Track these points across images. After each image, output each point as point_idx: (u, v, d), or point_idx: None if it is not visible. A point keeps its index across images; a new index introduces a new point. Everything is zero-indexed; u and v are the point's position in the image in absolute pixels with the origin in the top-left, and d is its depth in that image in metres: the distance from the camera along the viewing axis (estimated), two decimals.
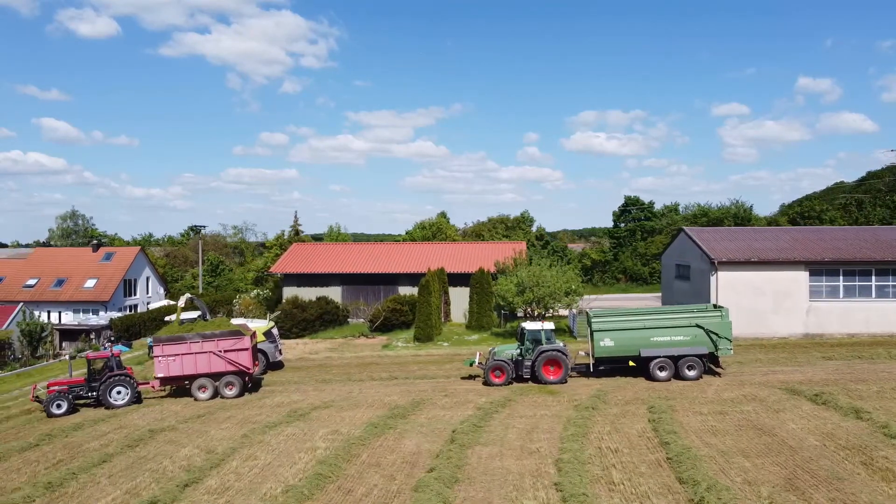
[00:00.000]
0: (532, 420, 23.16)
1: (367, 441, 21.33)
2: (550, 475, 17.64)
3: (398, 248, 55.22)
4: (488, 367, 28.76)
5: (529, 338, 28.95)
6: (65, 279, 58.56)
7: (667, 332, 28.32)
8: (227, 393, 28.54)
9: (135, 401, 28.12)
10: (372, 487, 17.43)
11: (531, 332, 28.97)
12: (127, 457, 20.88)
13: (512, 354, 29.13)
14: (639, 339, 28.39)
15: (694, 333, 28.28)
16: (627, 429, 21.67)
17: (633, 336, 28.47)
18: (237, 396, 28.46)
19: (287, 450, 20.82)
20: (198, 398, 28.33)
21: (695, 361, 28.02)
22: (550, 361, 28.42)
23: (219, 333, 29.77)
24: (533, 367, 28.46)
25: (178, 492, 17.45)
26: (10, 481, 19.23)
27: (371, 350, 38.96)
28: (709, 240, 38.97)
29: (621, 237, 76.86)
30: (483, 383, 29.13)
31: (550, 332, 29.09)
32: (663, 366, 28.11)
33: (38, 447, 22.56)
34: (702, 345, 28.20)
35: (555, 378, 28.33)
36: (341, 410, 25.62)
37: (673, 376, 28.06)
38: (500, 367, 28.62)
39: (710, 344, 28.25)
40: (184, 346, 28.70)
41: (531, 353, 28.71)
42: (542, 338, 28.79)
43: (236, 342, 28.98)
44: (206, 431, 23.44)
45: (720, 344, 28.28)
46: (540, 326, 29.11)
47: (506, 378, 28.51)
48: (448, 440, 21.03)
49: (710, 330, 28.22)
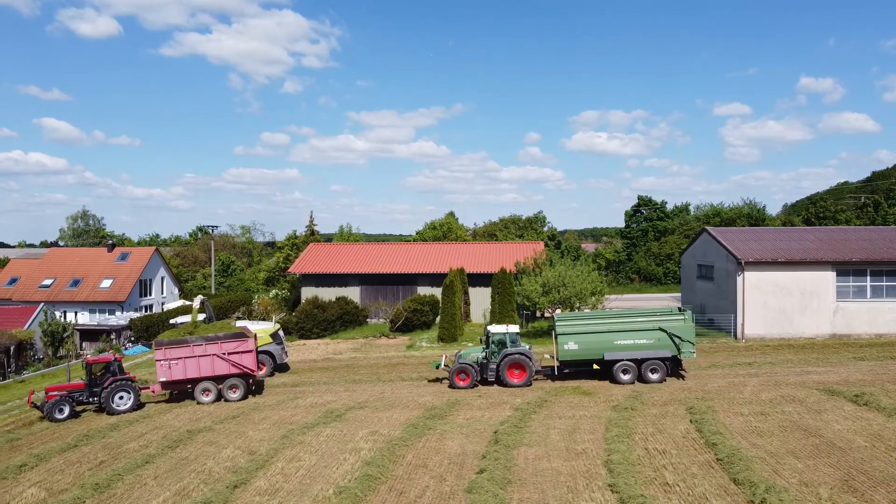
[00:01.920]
0: (572, 421, 23.06)
1: (409, 442, 21.24)
2: (602, 476, 17.55)
3: (416, 248, 55.12)
4: (454, 370, 28.75)
5: (494, 341, 28.95)
6: (80, 279, 58.47)
7: (630, 336, 28.31)
8: (230, 396, 28.30)
9: (137, 407, 27.67)
10: (424, 489, 17.33)
11: (496, 336, 28.99)
12: (169, 458, 20.80)
13: (477, 357, 29.14)
14: (602, 343, 28.34)
15: (657, 337, 28.24)
16: (670, 429, 21.57)
17: (596, 339, 28.41)
18: (241, 399, 28.21)
19: (330, 451, 20.73)
20: (201, 402, 28.03)
21: (658, 365, 28.01)
22: (515, 364, 28.44)
23: (222, 336, 29.53)
24: (498, 370, 28.50)
25: (228, 493, 17.37)
26: (55, 482, 19.14)
27: (396, 350, 38.85)
28: (733, 240, 38.84)
29: (634, 237, 76.72)
30: (448, 386, 29.07)
31: (515, 335, 29.13)
32: (626, 369, 28.09)
33: (77, 448, 22.46)
34: (665, 348, 28.17)
35: (518, 381, 28.32)
36: (377, 411, 25.53)
37: (636, 379, 28.07)
38: (465, 369, 28.64)
39: (673, 347, 28.22)
40: (186, 349, 28.41)
41: (496, 356, 28.72)
42: (506, 341, 28.83)
43: (240, 345, 28.77)
44: (243, 432, 23.34)
45: (683, 347, 28.24)
46: (504, 330, 29.16)
47: (470, 381, 28.53)
48: (491, 441, 20.95)
49: (672, 333, 28.17)
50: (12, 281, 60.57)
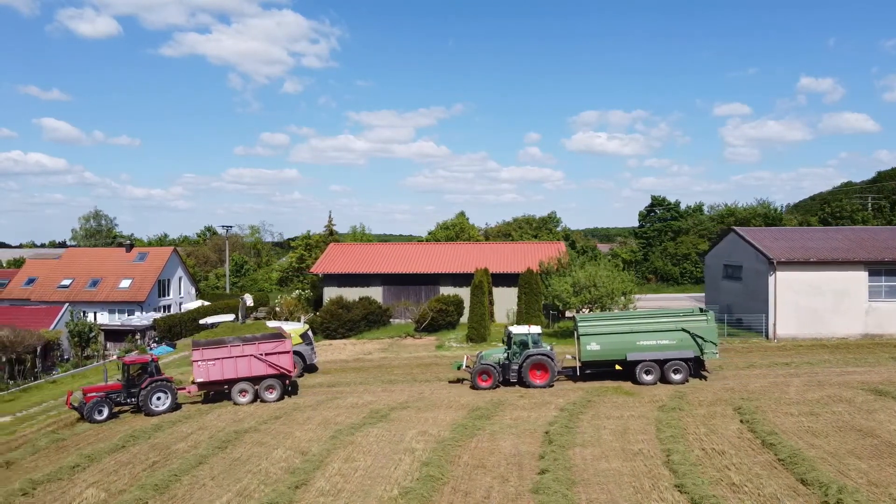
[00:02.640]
0: (620, 421, 22.98)
1: (461, 442, 21.17)
2: (666, 477, 17.48)
3: (438, 249, 55.01)
4: (475, 371, 28.65)
5: (516, 342, 28.86)
6: (99, 279, 58.33)
7: (653, 336, 28.27)
8: (267, 397, 28.19)
9: (174, 408, 27.56)
10: (488, 489, 17.27)
11: (518, 336, 28.87)
12: (221, 458, 20.72)
13: (499, 358, 29.05)
14: (625, 343, 28.28)
15: (680, 337, 28.19)
16: (722, 430, 21.50)
17: (619, 340, 28.36)
18: (277, 400, 28.09)
19: (383, 451, 20.66)
20: (237, 402, 27.91)
21: (680, 365, 27.95)
22: (537, 365, 28.36)
23: (259, 336, 29.53)
24: (520, 371, 28.41)
25: (290, 493, 17.30)
26: (112, 483, 19.07)
27: (425, 350, 38.77)
28: (763, 240, 38.75)
29: (650, 237, 76.62)
30: (470, 387, 28.98)
31: (537, 335, 29.06)
32: (649, 369, 28.02)
33: (125, 448, 22.38)
34: (688, 349, 28.10)
35: (541, 382, 28.24)
36: (420, 411, 25.45)
37: (659, 380, 27.98)
38: (487, 370, 28.54)
39: (696, 348, 28.15)
40: (224, 349, 28.35)
41: (518, 356, 28.64)
42: (528, 341, 28.74)
43: (277, 345, 28.70)
44: (290, 433, 23.26)
45: (706, 348, 28.18)
46: (526, 330, 29.08)
47: (492, 382, 28.43)
48: (544, 441, 20.89)
49: (695, 334, 28.12)
50: (30, 281, 60.46)
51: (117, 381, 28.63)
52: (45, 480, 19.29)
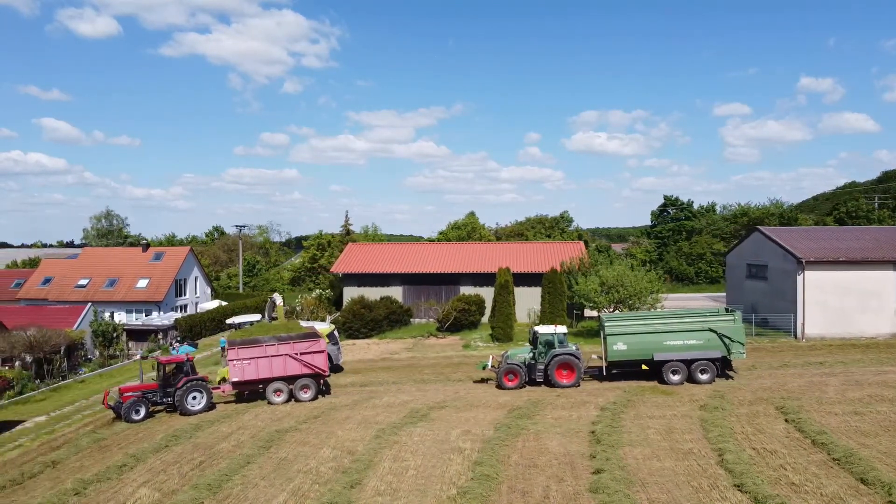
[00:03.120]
0: (664, 421, 22.92)
1: (507, 442, 21.11)
2: (723, 476, 17.41)
3: (457, 248, 54.88)
4: (502, 371, 28.61)
5: (542, 341, 28.80)
6: (116, 279, 58.26)
7: (680, 336, 28.20)
8: (302, 396, 28.13)
9: (209, 407, 27.49)
10: (545, 489, 17.20)
11: (544, 336, 28.82)
12: (268, 458, 20.65)
13: (525, 358, 28.99)
14: (652, 343, 28.24)
15: (707, 337, 28.13)
16: (769, 429, 21.43)
17: (646, 340, 28.32)
18: (311, 400, 28.04)
19: (430, 451, 20.60)
20: (272, 402, 27.82)
21: (708, 365, 27.89)
22: (564, 365, 28.31)
23: (294, 336, 29.52)
24: (546, 371, 28.36)
25: (347, 493, 17.25)
26: (163, 483, 19.01)
27: (452, 350, 38.70)
28: (789, 239, 38.69)
29: (665, 237, 76.55)
30: (496, 386, 28.95)
31: (563, 335, 29.01)
32: (676, 370, 27.95)
33: (168, 448, 22.33)
34: (715, 349, 28.03)
35: (568, 381, 28.20)
36: (459, 411, 25.39)
37: (686, 380, 27.90)
38: (513, 370, 28.49)
39: (723, 348, 28.08)
40: (259, 349, 28.30)
41: (544, 356, 28.59)
42: (554, 341, 28.69)
43: (312, 345, 28.65)
44: (332, 432, 23.19)
45: (733, 348, 28.12)
46: (553, 330, 29.04)
47: (519, 381, 28.38)
48: (592, 441, 20.83)
49: (722, 334, 28.05)
50: (46, 281, 60.46)
51: (151, 380, 28.62)
52: (94, 480, 19.26)
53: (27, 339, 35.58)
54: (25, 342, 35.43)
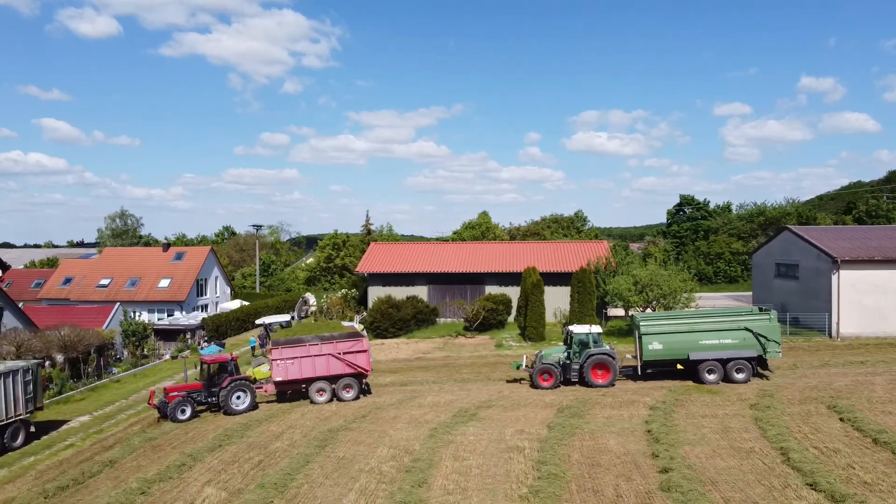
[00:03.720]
0: (717, 420, 22.89)
1: (564, 441, 21.08)
2: (793, 475, 17.38)
3: (481, 248, 54.81)
4: (536, 371, 28.61)
5: (577, 341, 28.80)
6: (138, 279, 58.31)
7: (716, 336, 28.18)
8: (345, 396, 28.09)
9: (253, 407, 27.44)
10: (615, 488, 17.19)
11: (579, 336, 28.82)
12: (326, 457, 20.63)
13: (559, 358, 28.96)
14: (687, 343, 28.21)
15: (743, 336, 28.09)
16: (826, 428, 21.40)
17: (681, 339, 28.28)
18: (354, 399, 28.01)
19: (488, 450, 20.58)
20: (315, 401, 27.79)
21: (743, 364, 27.87)
22: (599, 365, 28.32)
23: (337, 336, 29.53)
24: (581, 371, 28.38)
25: (415, 491, 17.24)
26: (226, 482, 19.01)
27: (485, 349, 38.67)
28: (822, 238, 38.64)
29: (683, 236, 76.48)
30: (531, 386, 28.96)
31: (598, 335, 29.01)
32: (712, 369, 27.92)
33: (222, 447, 22.31)
34: (750, 348, 27.99)
35: (603, 381, 28.20)
36: (506, 410, 25.37)
37: (721, 379, 27.86)
38: (549, 370, 28.49)
39: (758, 347, 28.05)
40: (302, 348, 28.28)
41: (578, 356, 28.60)
42: (589, 341, 28.70)
43: (354, 344, 28.63)
44: (384, 432, 23.18)
45: (769, 347, 28.07)
46: (587, 330, 29.02)
47: (553, 381, 28.38)
48: (650, 440, 20.81)
49: (758, 333, 28.01)
50: (67, 280, 60.55)
51: (195, 380, 28.62)
52: (157, 479, 19.26)
53: (61, 338, 35.59)
54: (60, 342, 35.43)
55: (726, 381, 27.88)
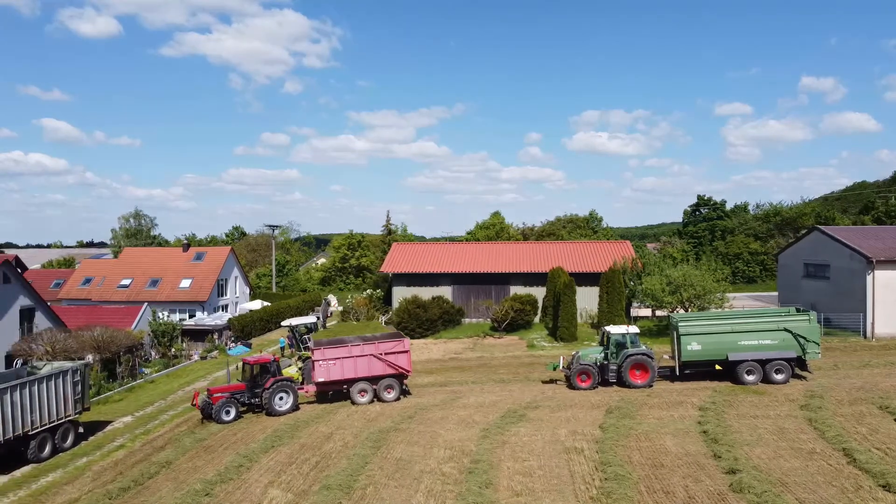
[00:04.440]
0: (770, 420, 22.81)
1: (620, 442, 21.02)
2: (862, 476, 17.31)
3: (505, 248, 54.71)
4: (575, 371, 28.58)
5: (614, 342, 28.77)
6: (159, 279, 58.28)
7: (755, 336, 28.12)
8: (386, 396, 28.06)
9: (295, 408, 27.36)
10: (685, 489, 17.12)
11: (616, 337, 28.80)
12: (383, 458, 20.56)
13: (597, 358, 28.91)
14: (726, 343, 28.15)
15: (782, 337, 28.03)
16: (884, 429, 21.30)
17: (720, 340, 28.23)
18: (395, 400, 27.99)
19: (546, 451, 20.53)
20: (357, 402, 27.73)
21: (783, 365, 27.81)
22: (637, 365, 28.28)
23: (379, 336, 29.53)
24: (619, 371, 28.36)
25: (483, 492, 17.20)
26: (288, 483, 18.97)
27: (517, 350, 38.61)
28: (855, 239, 38.56)
29: (700, 237, 76.45)
30: (568, 387, 28.93)
31: (635, 335, 28.99)
32: (751, 370, 27.87)
33: (275, 448, 22.27)
34: (790, 349, 27.93)
35: (641, 382, 28.16)
36: (553, 411, 25.31)
37: (760, 380, 27.80)
38: (587, 371, 28.46)
39: (798, 348, 27.98)
40: (344, 349, 28.23)
41: (616, 356, 28.57)
42: (626, 342, 28.67)
43: (396, 345, 28.60)
44: (436, 433, 23.11)
45: (808, 348, 28.00)
46: (625, 330, 29.01)
47: (592, 382, 28.34)
48: (708, 441, 20.74)
49: (798, 334, 27.95)
50: (87, 281, 60.52)
51: (237, 381, 28.58)
52: (217, 481, 19.23)
53: (95, 338, 35.58)
54: (93, 342, 35.42)
55: (765, 381, 27.82)
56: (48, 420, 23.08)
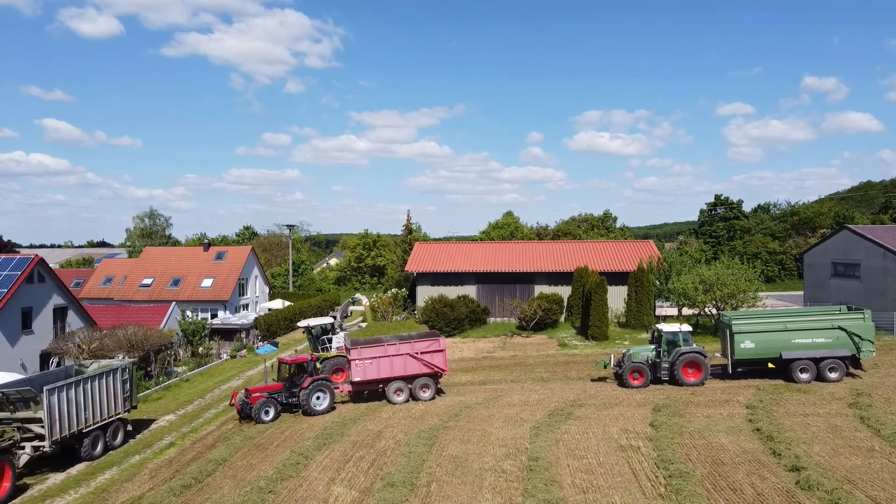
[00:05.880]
0: (821, 418, 22.82)
1: (674, 440, 21.04)
2: None
3: (529, 247, 54.66)
4: (627, 369, 28.65)
5: (666, 340, 28.80)
6: (181, 278, 58.45)
7: (808, 335, 28.15)
8: (422, 395, 28.11)
9: (332, 408, 27.35)
10: (752, 486, 17.13)
11: (668, 335, 28.83)
12: (439, 456, 20.58)
13: (648, 357, 28.94)
14: (780, 342, 28.19)
15: (836, 335, 28.06)
16: None
17: (774, 338, 28.27)
18: (430, 399, 28.04)
19: (601, 449, 20.55)
20: (393, 402, 27.79)
21: (837, 364, 27.83)
22: (690, 363, 28.32)
23: (415, 335, 29.59)
24: (671, 369, 28.39)
25: (549, 489, 17.21)
26: (349, 480, 19.00)
27: (549, 349, 38.65)
28: (885, 237, 38.53)
29: (719, 236, 76.40)
30: (619, 384, 28.99)
31: (688, 333, 28.99)
32: (805, 368, 27.89)
33: (328, 446, 22.30)
34: (844, 347, 27.96)
35: (694, 380, 28.23)
36: (600, 409, 25.34)
37: (814, 378, 27.82)
38: (639, 369, 28.56)
39: (852, 346, 28.00)
40: (380, 348, 28.28)
41: (668, 355, 28.61)
42: (679, 340, 28.68)
43: (432, 344, 28.65)
44: (486, 430, 23.16)
45: (863, 346, 28.02)
46: (677, 329, 29.03)
47: (644, 380, 28.44)
48: (763, 438, 20.75)
49: (852, 332, 27.96)
50: (108, 280, 60.70)
51: (272, 380, 28.59)
52: (278, 478, 19.25)
53: (129, 337, 35.63)
54: (127, 341, 35.47)
55: (818, 379, 27.86)
56: (100, 418, 23.16)
